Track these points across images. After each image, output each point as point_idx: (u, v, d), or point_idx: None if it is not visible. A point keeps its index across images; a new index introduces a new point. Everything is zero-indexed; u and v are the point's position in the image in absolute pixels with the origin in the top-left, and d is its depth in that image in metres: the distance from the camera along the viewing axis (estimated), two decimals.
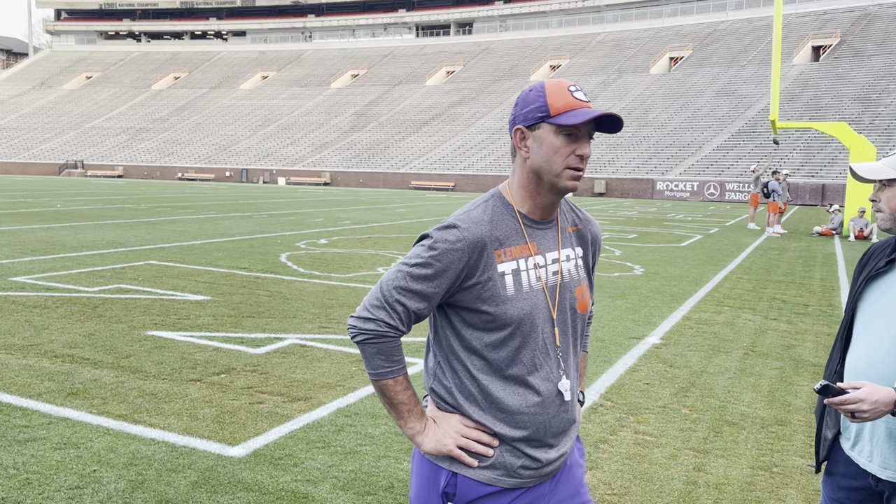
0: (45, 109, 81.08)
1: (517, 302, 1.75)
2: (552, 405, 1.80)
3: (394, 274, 1.76)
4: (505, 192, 1.83)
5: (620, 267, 12.03)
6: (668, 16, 73.34)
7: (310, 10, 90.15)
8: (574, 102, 1.73)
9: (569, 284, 1.85)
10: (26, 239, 13.30)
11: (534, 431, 1.78)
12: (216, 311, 7.53)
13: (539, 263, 1.80)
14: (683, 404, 5.05)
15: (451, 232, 1.72)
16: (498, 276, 1.74)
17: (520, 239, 1.79)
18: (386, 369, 1.76)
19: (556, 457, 1.83)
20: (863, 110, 49.23)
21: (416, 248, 1.76)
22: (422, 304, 1.73)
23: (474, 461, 1.76)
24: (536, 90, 1.77)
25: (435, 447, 1.77)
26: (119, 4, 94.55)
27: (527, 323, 1.76)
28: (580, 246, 1.93)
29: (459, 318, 1.78)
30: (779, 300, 9.33)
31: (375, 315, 1.74)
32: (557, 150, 1.73)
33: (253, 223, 18.58)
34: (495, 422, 1.77)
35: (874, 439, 2.01)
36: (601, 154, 52.76)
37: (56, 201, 25.24)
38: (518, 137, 1.79)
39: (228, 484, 3.59)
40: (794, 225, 23.69)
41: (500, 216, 1.79)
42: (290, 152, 63.87)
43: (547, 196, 1.80)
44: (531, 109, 1.75)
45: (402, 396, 1.77)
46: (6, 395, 4.75)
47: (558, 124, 1.72)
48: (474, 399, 1.78)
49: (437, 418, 1.81)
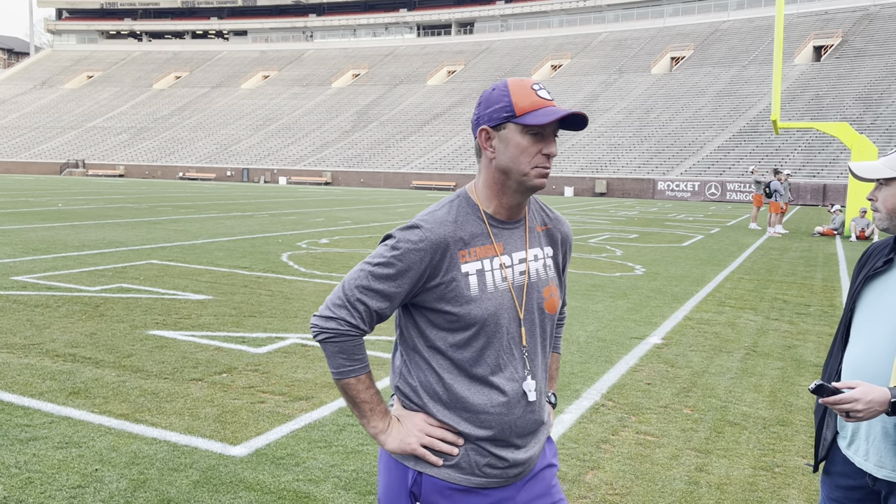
0: (46, 109, 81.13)
1: (481, 302, 1.74)
2: (517, 405, 1.79)
3: (356, 273, 1.76)
4: (471, 191, 1.83)
5: (622, 267, 12.03)
6: (669, 16, 73.30)
7: (311, 10, 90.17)
8: (539, 101, 1.72)
9: (536, 284, 1.84)
10: (28, 238, 13.31)
11: (499, 431, 1.77)
12: (217, 311, 7.54)
13: (505, 263, 1.79)
14: (685, 404, 5.05)
15: (413, 232, 1.72)
16: (462, 277, 1.74)
17: (485, 239, 1.78)
18: (347, 368, 1.75)
19: (524, 458, 1.82)
20: (864, 110, 49.19)
21: (379, 248, 1.76)
22: (384, 303, 1.73)
23: (439, 460, 1.76)
24: (500, 89, 1.76)
25: (399, 446, 1.77)
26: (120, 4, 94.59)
27: (491, 323, 1.75)
28: (549, 245, 1.92)
29: (424, 317, 1.78)
30: (780, 300, 9.33)
31: (337, 314, 1.74)
32: (524, 149, 1.73)
33: (254, 223, 18.59)
34: (460, 421, 1.76)
35: (870, 438, 2.01)
36: (602, 154, 52.75)
37: (57, 200, 25.26)
38: (483, 138, 1.78)
39: (230, 483, 3.60)
40: (795, 225, 23.68)
41: (465, 216, 1.78)
42: (291, 152, 63.88)
43: (514, 196, 1.80)
44: (496, 109, 1.74)
45: (364, 395, 1.77)
46: (8, 395, 4.75)
47: (524, 124, 1.71)
48: (439, 398, 1.78)
49: (402, 417, 1.81)
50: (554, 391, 2.10)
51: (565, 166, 51.76)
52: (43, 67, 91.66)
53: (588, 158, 52.57)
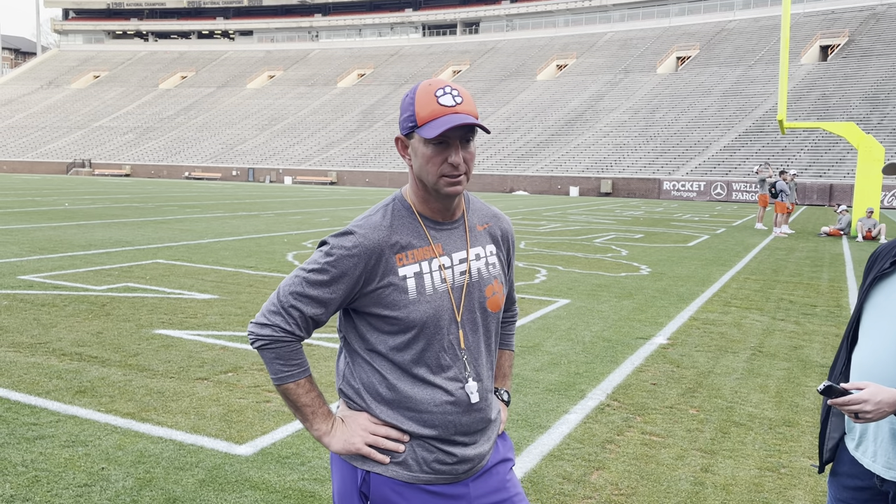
0: (52, 108, 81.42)
1: (420, 305, 1.73)
2: (460, 406, 1.78)
3: (291, 279, 1.75)
4: (406, 195, 1.82)
5: (627, 267, 12.01)
6: (675, 15, 73.16)
7: (316, 10, 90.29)
8: (439, 110, 1.67)
9: (478, 283, 1.82)
10: (34, 237, 13.36)
11: (443, 430, 1.76)
12: (223, 310, 7.55)
13: (444, 264, 1.78)
14: (690, 405, 5.04)
15: (347, 238, 1.72)
16: (399, 280, 1.73)
17: (422, 241, 1.77)
18: (286, 373, 1.75)
19: (473, 455, 1.81)
20: (871, 110, 49.01)
21: (314, 254, 1.76)
22: (318, 309, 1.73)
23: (386, 458, 1.75)
24: (409, 97, 1.72)
25: (343, 447, 1.76)
26: (127, 4, 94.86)
27: (430, 325, 1.74)
28: (492, 243, 1.90)
29: (364, 321, 1.78)
30: (786, 301, 9.30)
31: (271, 321, 1.73)
32: (429, 159, 1.69)
33: (259, 222, 18.62)
34: (404, 420, 1.76)
35: (878, 440, 2.00)
36: (607, 154, 52.69)
37: (64, 200, 25.34)
38: (399, 147, 1.77)
39: (236, 482, 3.60)
40: (801, 225, 23.61)
41: (401, 219, 1.77)
42: (297, 151, 63.97)
43: (437, 201, 1.78)
44: (405, 118, 1.72)
45: (304, 399, 1.77)
46: (15, 393, 4.77)
47: (422, 137, 1.68)
48: (382, 398, 1.77)
49: (346, 417, 1.81)
50: (507, 388, 2.08)
51: (570, 166, 51.71)
52: (49, 67, 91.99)
53: (593, 158, 52.50)
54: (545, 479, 3.75)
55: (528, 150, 56.45)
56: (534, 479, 3.74)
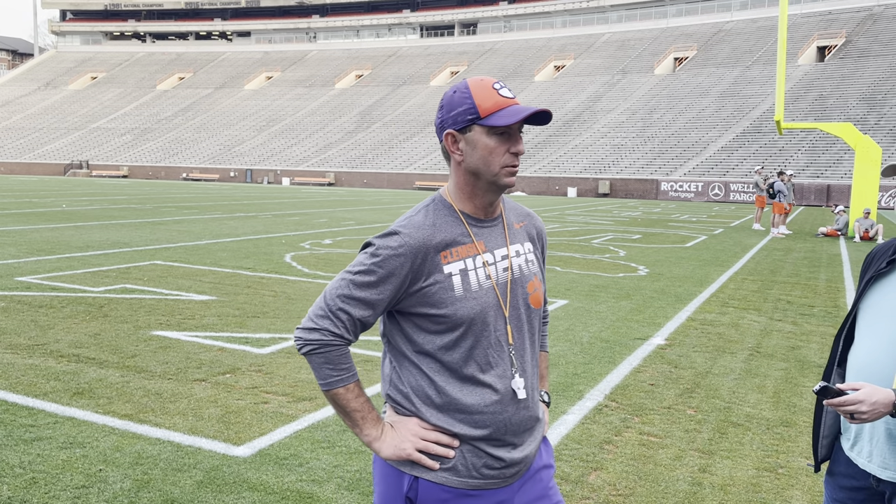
0: (50, 110, 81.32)
1: (467, 301, 1.74)
2: (510, 403, 1.78)
3: (337, 282, 1.75)
4: (445, 194, 1.83)
5: (625, 268, 12.02)
6: (672, 16, 73.23)
7: (314, 11, 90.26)
8: (502, 101, 1.72)
9: (520, 280, 1.84)
10: (32, 239, 13.34)
11: (494, 430, 1.76)
12: (221, 311, 7.55)
13: (488, 261, 1.79)
14: (688, 405, 5.04)
15: (392, 238, 1.72)
16: (445, 278, 1.73)
17: (465, 238, 1.78)
18: (335, 378, 1.74)
19: (520, 457, 1.81)
20: (868, 111, 49.09)
21: (359, 256, 1.76)
22: (366, 311, 1.73)
23: (435, 464, 1.74)
24: (461, 92, 1.75)
25: (394, 452, 1.75)
26: (124, 5, 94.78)
27: (478, 322, 1.75)
28: (529, 241, 1.92)
29: (410, 322, 1.77)
30: (784, 301, 9.31)
31: (320, 325, 1.73)
32: (492, 150, 1.73)
33: (257, 223, 18.61)
34: (454, 423, 1.75)
35: (874, 440, 2.01)
36: (605, 154, 52.72)
37: (61, 201, 25.31)
38: (450, 142, 1.77)
39: (234, 483, 3.60)
40: (799, 226, 23.64)
41: (443, 218, 1.78)
42: (295, 152, 63.95)
43: (486, 195, 1.80)
44: (460, 112, 1.74)
45: (354, 404, 1.76)
46: (12, 395, 4.76)
47: (490, 126, 1.71)
48: (431, 402, 1.77)
49: (395, 423, 1.80)
50: (546, 390, 2.10)
51: (568, 167, 51.74)
52: (47, 68, 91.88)
53: (591, 159, 52.53)
54: None
55: (526, 150, 56.47)
56: None
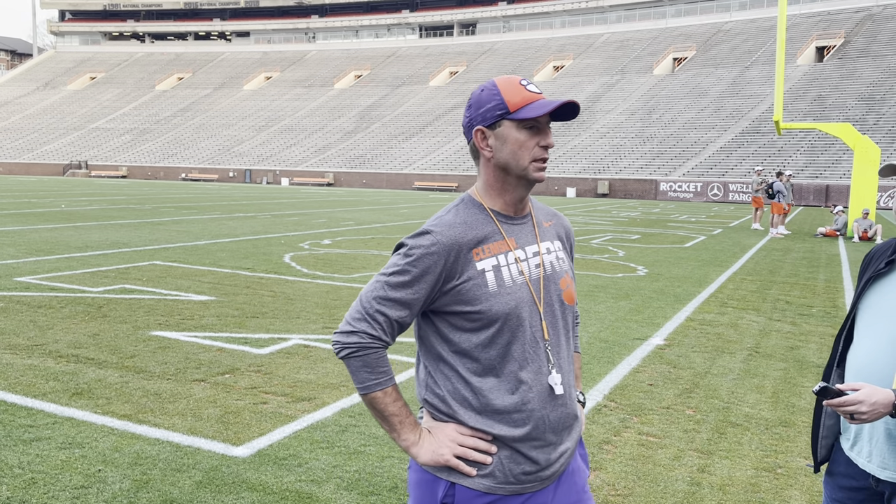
0: (49, 110, 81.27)
1: (501, 297, 1.74)
2: (547, 400, 1.78)
3: (372, 285, 1.76)
4: (474, 194, 1.85)
5: (624, 268, 12.02)
6: (671, 16, 73.26)
7: (313, 11, 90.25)
8: (530, 96, 1.75)
9: (552, 276, 1.85)
10: (31, 239, 13.33)
11: (533, 428, 1.76)
12: (220, 312, 7.54)
13: (520, 257, 1.80)
14: (687, 405, 5.05)
15: (425, 237, 1.73)
16: (478, 275, 1.74)
17: (497, 235, 1.80)
18: (373, 381, 1.74)
19: (557, 457, 1.81)
20: (867, 111, 49.13)
21: (392, 258, 1.77)
22: (403, 312, 1.73)
23: (472, 470, 1.74)
24: (489, 89, 1.78)
25: (431, 458, 1.74)
26: (123, 5, 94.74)
27: (513, 317, 1.75)
28: (558, 240, 1.94)
29: (445, 322, 1.77)
30: (783, 301, 9.32)
31: (357, 328, 1.73)
32: (522, 144, 1.76)
33: (256, 224, 18.61)
34: (493, 424, 1.75)
35: (873, 440, 2.01)
36: (604, 155, 52.73)
37: (60, 202, 25.30)
38: (479, 138, 1.79)
39: (233, 484, 3.60)
40: (797, 226, 23.65)
41: (474, 216, 1.79)
42: (294, 153, 63.93)
43: (516, 191, 1.82)
44: (489, 108, 1.76)
45: (392, 408, 1.75)
46: (11, 395, 4.76)
47: (520, 119, 1.74)
48: (469, 404, 1.76)
49: (433, 428, 1.79)
50: (580, 390, 2.09)
51: (567, 167, 51.75)
52: (46, 69, 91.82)
53: (590, 159, 52.55)
54: None
55: None
56: None
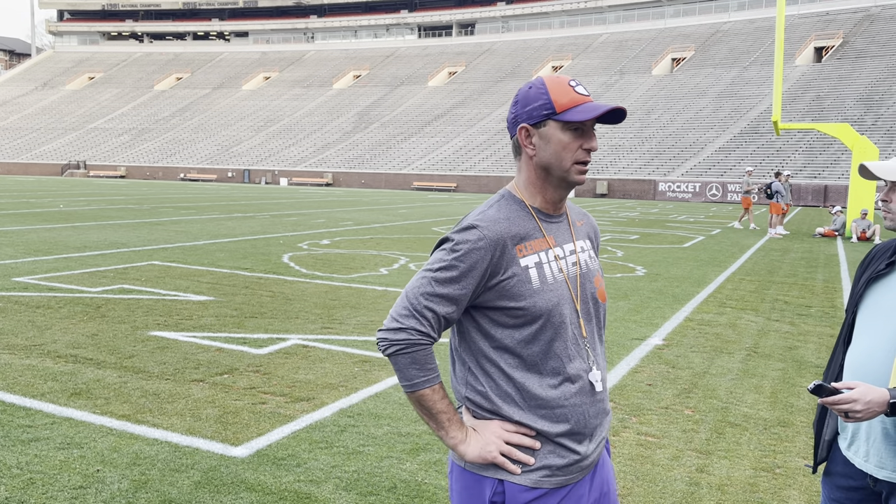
0: (47, 110, 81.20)
1: (544, 294, 1.75)
2: (588, 395, 1.80)
3: (419, 281, 1.74)
4: (514, 190, 1.85)
5: (622, 268, 12.03)
6: (670, 17, 73.29)
7: (312, 11, 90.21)
8: (578, 98, 1.75)
9: (587, 275, 1.87)
10: (29, 239, 13.32)
11: (575, 423, 1.77)
12: (219, 312, 7.54)
13: (559, 255, 1.82)
14: (686, 405, 5.05)
15: (471, 232, 1.73)
16: (522, 271, 1.75)
17: (537, 233, 1.81)
18: (421, 379, 1.73)
19: (594, 448, 1.84)
20: (865, 111, 49.17)
21: (437, 254, 1.76)
22: (450, 307, 1.72)
23: (517, 468, 1.74)
24: (537, 87, 1.78)
25: (479, 455, 1.74)
26: (122, 5, 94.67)
27: (556, 314, 1.76)
28: (587, 239, 1.96)
29: (487, 318, 1.77)
30: (781, 301, 9.33)
31: (406, 324, 1.72)
32: (566, 145, 1.76)
33: (255, 224, 18.60)
34: (536, 419, 1.76)
35: (870, 439, 2.01)
36: (603, 155, 52.74)
37: (59, 202, 25.27)
38: (523, 136, 1.79)
39: (231, 484, 3.60)
40: (796, 226, 23.67)
41: (515, 213, 1.80)
42: (293, 153, 63.91)
43: (556, 191, 1.83)
44: (535, 107, 1.76)
45: (440, 405, 1.74)
46: (10, 395, 4.76)
47: (566, 121, 1.74)
48: (512, 399, 1.76)
49: (477, 426, 1.79)
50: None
51: None
52: (44, 69, 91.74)
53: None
54: None
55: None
56: None
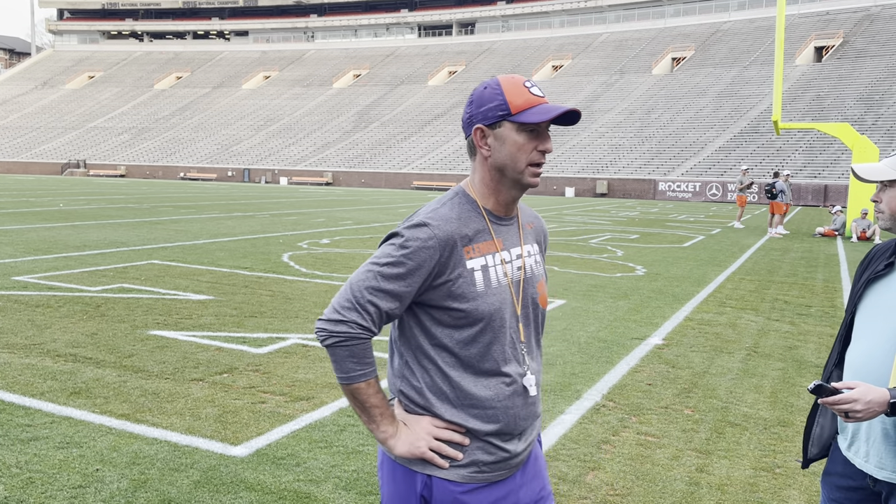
0: (47, 109, 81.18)
1: (487, 297, 1.75)
2: (520, 399, 1.81)
3: (364, 274, 1.73)
4: (468, 188, 1.84)
5: (622, 267, 12.03)
6: (670, 16, 73.28)
7: (312, 10, 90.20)
8: (533, 99, 1.74)
9: (531, 279, 1.87)
10: (29, 238, 13.32)
11: (506, 424, 1.79)
12: (218, 311, 7.54)
13: (505, 259, 1.81)
14: (686, 405, 5.05)
15: (422, 230, 1.71)
16: (468, 273, 1.74)
17: (487, 235, 1.80)
18: (358, 372, 1.73)
19: (524, 448, 1.86)
20: (865, 111, 49.17)
21: (385, 248, 1.74)
22: (394, 303, 1.72)
23: (446, 463, 1.76)
24: (492, 87, 1.76)
25: (408, 450, 1.75)
26: (122, 4, 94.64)
27: (497, 318, 1.76)
28: (536, 243, 1.95)
29: (429, 316, 1.77)
30: (781, 301, 9.32)
31: (347, 317, 1.71)
32: (521, 147, 1.74)
33: (255, 223, 18.60)
34: (468, 418, 1.77)
35: (870, 440, 2.01)
36: (603, 154, 52.74)
37: (58, 201, 25.27)
38: (478, 136, 1.78)
39: (231, 483, 3.60)
40: (796, 226, 23.67)
41: (467, 213, 1.79)
42: (292, 152, 63.90)
43: (510, 193, 1.81)
44: (490, 108, 1.74)
45: (373, 400, 1.75)
46: (9, 395, 4.75)
47: (521, 122, 1.72)
48: (445, 396, 1.77)
49: (408, 421, 1.79)
50: None
51: (566, 167, 51.76)
52: (44, 68, 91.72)
53: (589, 159, 52.56)
54: None
55: None
56: None
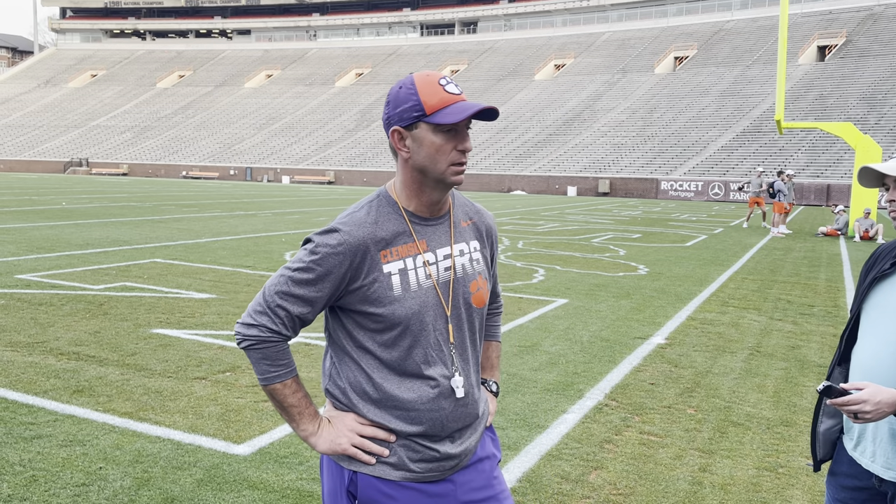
0: (50, 107, 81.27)
1: (405, 301, 1.73)
2: (447, 401, 1.79)
3: (277, 279, 1.74)
4: (391, 190, 1.81)
5: (625, 267, 12.02)
6: (672, 15, 73.21)
7: (314, 9, 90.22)
8: (448, 98, 1.69)
9: (463, 279, 1.83)
10: (31, 237, 13.33)
11: (430, 427, 1.77)
12: (221, 309, 7.54)
13: (429, 261, 1.78)
14: (688, 405, 5.04)
15: (332, 236, 1.71)
16: (384, 277, 1.73)
17: (407, 238, 1.77)
18: (273, 374, 1.74)
19: (458, 451, 1.82)
20: (868, 110, 49.09)
21: (299, 253, 1.75)
22: (304, 308, 1.72)
23: (371, 459, 1.76)
24: (407, 87, 1.72)
25: (329, 447, 1.76)
26: (124, 3, 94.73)
27: (416, 322, 1.74)
28: (476, 240, 1.91)
29: (351, 319, 1.78)
30: (784, 300, 9.31)
31: (258, 321, 1.72)
32: (439, 148, 1.70)
33: (257, 221, 18.60)
34: (391, 419, 1.76)
35: (877, 440, 2.01)
36: (605, 154, 52.71)
37: (61, 199, 25.30)
38: (396, 138, 1.75)
39: (234, 482, 3.60)
40: (798, 225, 23.64)
41: (386, 216, 1.77)
42: (295, 151, 63.92)
43: (433, 193, 1.78)
44: (406, 109, 1.71)
45: (291, 399, 1.76)
46: (12, 393, 4.76)
47: (436, 123, 1.69)
48: (368, 397, 1.77)
49: (332, 418, 1.80)
50: (496, 379, 2.10)
51: (568, 166, 51.74)
52: (47, 66, 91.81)
53: (591, 158, 52.53)
54: (543, 479, 3.75)
55: (526, 149, 56.47)
56: (532, 479, 3.74)
